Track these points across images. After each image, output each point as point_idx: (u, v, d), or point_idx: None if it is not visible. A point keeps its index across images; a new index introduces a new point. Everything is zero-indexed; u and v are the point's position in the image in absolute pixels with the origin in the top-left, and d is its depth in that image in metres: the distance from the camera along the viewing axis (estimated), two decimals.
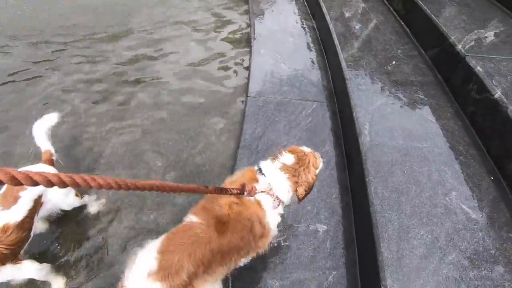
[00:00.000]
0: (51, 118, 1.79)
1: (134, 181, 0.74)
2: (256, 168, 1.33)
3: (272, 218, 1.30)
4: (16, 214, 1.41)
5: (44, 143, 1.73)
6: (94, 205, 1.96)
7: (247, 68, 3.18)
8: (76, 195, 1.80)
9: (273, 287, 1.53)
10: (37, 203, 1.53)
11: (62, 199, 1.70)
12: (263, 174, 1.30)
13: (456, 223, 1.51)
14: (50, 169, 1.66)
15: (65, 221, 1.88)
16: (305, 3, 4.14)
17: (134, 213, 1.97)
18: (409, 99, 2.23)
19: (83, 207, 1.92)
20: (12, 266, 1.38)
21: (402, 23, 3.15)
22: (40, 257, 1.71)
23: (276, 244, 1.69)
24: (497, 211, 1.58)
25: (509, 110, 1.75)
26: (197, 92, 2.95)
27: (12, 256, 1.38)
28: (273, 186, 1.27)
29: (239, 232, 1.17)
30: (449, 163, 1.79)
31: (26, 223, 1.44)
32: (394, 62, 2.58)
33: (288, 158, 1.33)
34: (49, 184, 0.57)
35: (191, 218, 1.20)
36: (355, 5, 3.51)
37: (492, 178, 1.74)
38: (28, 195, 1.48)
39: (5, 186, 1.51)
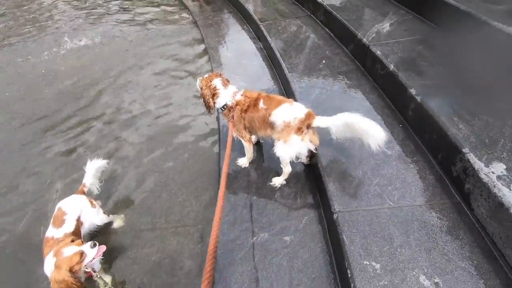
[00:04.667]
0: (101, 164, 2.45)
1: None
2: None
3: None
4: (66, 229, 1.96)
5: (86, 178, 2.34)
6: (117, 220, 2.48)
7: None
8: (104, 212, 2.34)
9: (264, 237, 2.09)
10: (78, 222, 2.08)
11: (94, 216, 2.23)
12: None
13: (377, 160, 2.16)
14: (82, 197, 2.23)
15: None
16: (250, 30, 4.94)
17: None
18: (338, 85, 2.94)
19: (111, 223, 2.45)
20: None
21: (327, 30, 3.95)
22: None
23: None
24: (405, 146, 2.25)
25: (399, 76, 2.46)
26: (175, 115, 3.57)
27: None
28: None
29: None
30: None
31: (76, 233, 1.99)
32: (324, 61, 3.32)
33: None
34: None
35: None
36: (288, 24, 4.31)
37: (401, 125, 2.42)
38: (70, 217, 2.03)
39: (55, 211, 2.07)
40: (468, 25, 2.60)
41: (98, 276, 1.86)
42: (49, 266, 1.75)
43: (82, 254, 1.74)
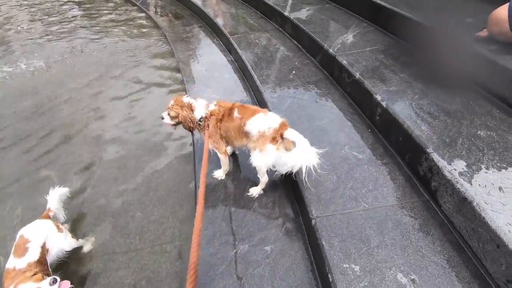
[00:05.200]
0: (63, 191, 2.36)
1: None
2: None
3: None
4: (30, 258, 1.81)
5: (51, 203, 2.23)
6: (87, 244, 2.33)
7: None
8: (72, 237, 2.19)
9: (244, 249, 2.06)
10: (43, 249, 1.92)
11: (62, 242, 2.08)
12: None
13: (350, 164, 2.23)
14: (48, 221, 2.08)
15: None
16: (221, 43, 4.99)
17: None
18: (309, 94, 3.03)
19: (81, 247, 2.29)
20: None
21: (295, 42, 4.09)
22: None
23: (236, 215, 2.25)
24: (375, 149, 2.34)
25: (365, 84, 2.59)
26: (150, 131, 3.48)
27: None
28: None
29: None
30: (341, 128, 2.56)
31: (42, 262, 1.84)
32: (294, 72, 3.42)
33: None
34: None
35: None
36: (258, 37, 4.42)
37: (369, 130, 2.53)
38: (34, 245, 1.88)
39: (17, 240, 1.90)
40: (420, 33, 2.81)
41: None
42: None
43: None
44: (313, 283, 1.82)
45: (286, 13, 4.25)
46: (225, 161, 2.45)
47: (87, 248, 2.31)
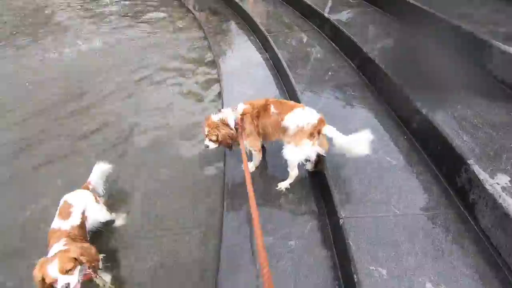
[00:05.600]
0: (106, 168, 2.51)
1: None
2: None
3: None
4: (73, 222, 1.95)
5: (92, 177, 2.39)
6: (119, 219, 2.47)
7: (220, 98, 3.90)
8: (107, 210, 2.32)
9: (269, 241, 2.09)
10: (83, 216, 2.07)
11: (98, 212, 2.22)
12: None
13: (383, 169, 2.19)
14: (87, 192, 2.23)
15: None
16: (257, 40, 5.05)
17: None
18: (343, 97, 3.01)
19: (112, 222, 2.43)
20: None
21: (333, 44, 4.06)
22: None
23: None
24: (409, 157, 2.29)
25: (405, 90, 2.53)
26: (178, 121, 3.61)
27: None
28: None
29: None
30: (375, 133, 2.48)
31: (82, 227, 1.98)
32: (329, 73, 3.41)
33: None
34: None
35: None
36: (295, 36, 4.43)
37: (405, 137, 2.47)
38: (76, 210, 2.03)
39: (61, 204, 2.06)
40: (466, 42, 2.71)
41: (98, 277, 1.83)
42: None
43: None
44: (335, 283, 1.82)
45: (326, 14, 4.23)
46: (258, 157, 2.49)
47: (119, 222, 2.44)
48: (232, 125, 2.25)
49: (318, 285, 1.81)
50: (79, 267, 1.66)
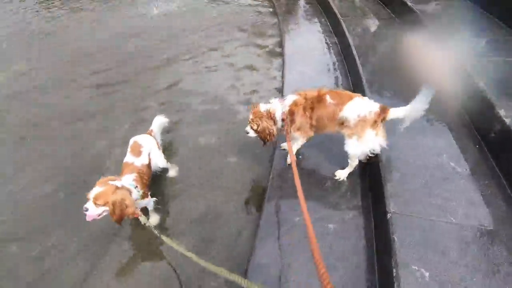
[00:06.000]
0: (164, 120, 2.71)
1: None
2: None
3: None
4: (143, 161, 2.19)
5: (153, 126, 2.61)
6: (172, 170, 2.68)
7: (281, 76, 3.89)
8: (165, 158, 2.53)
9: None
10: (149, 157, 2.29)
11: (159, 157, 2.42)
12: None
13: (444, 173, 2.04)
14: (151, 137, 2.45)
15: None
16: (327, 23, 4.87)
17: None
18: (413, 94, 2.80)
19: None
20: None
21: (410, 35, 3.75)
22: None
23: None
24: (478, 166, 2.09)
25: (488, 95, 2.29)
26: (240, 92, 3.70)
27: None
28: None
29: None
30: (441, 135, 2.35)
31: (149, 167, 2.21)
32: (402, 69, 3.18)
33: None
34: None
35: None
36: (370, 23, 4.18)
37: (477, 146, 2.26)
38: (145, 150, 2.25)
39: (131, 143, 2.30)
40: None
41: (141, 215, 1.92)
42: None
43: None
44: (369, 272, 1.79)
45: (409, 3, 3.91)
46: (300, 144, 2.38)
47: (172, 173, 2.65)
48: (279, 118, 2.15)
49: (348, 271, 1.81)
50: (105, 208, 1.79)
